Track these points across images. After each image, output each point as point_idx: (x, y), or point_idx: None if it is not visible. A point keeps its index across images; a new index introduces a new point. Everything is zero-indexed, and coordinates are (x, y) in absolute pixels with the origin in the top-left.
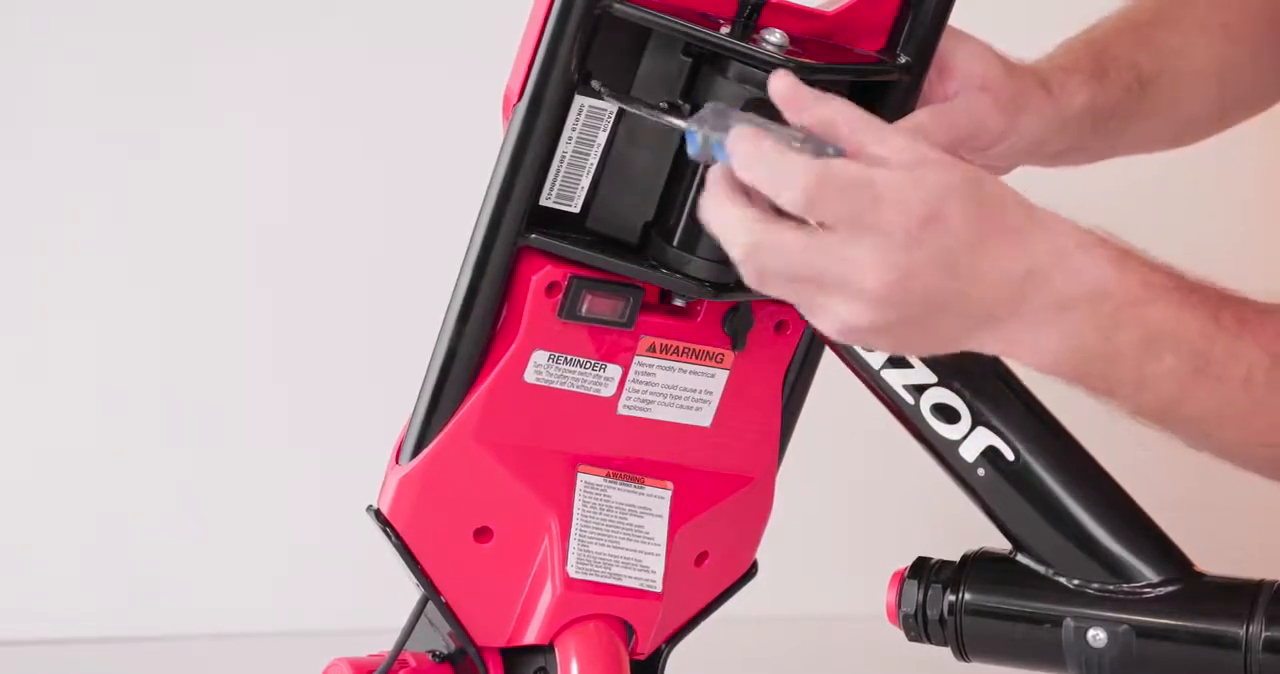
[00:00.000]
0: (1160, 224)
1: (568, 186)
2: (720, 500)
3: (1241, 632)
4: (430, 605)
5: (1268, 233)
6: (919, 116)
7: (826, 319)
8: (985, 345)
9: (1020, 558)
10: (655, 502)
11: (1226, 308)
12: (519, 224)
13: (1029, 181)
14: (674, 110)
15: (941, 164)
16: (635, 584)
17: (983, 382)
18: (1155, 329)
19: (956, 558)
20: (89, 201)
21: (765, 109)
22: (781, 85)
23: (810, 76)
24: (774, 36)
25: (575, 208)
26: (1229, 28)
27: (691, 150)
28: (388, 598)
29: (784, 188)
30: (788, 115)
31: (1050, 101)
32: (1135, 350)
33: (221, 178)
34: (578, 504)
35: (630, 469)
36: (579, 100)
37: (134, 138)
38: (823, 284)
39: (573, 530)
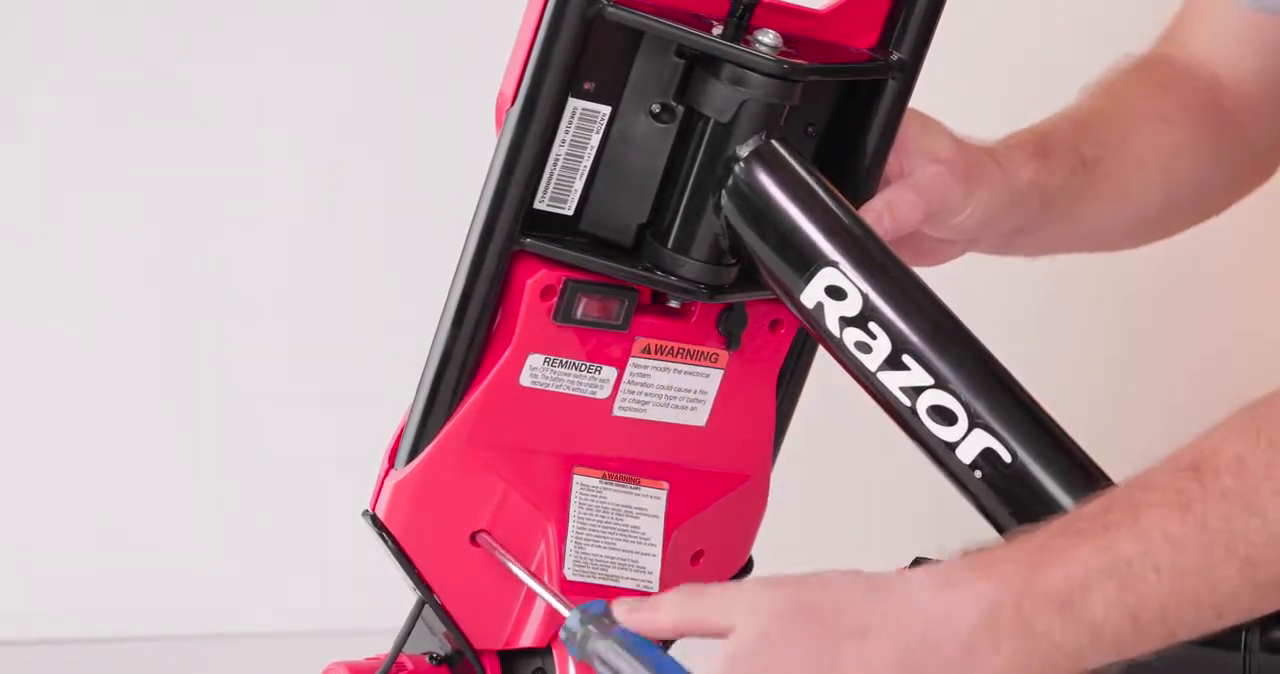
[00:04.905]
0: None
1: (561, 189)
2: (716, 499)
3: (1240, 632)
4: (427, 608)
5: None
6: (889, 194)
7: None
8: None
9: None
10: (651, 502)
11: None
12: (513, 228)
13: None
14: (666, 113)
15: (775, 602)
16: (632, 585)
17: (980, 383)
18: (1062, 594)
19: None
20: (91, 198)
21: (765, 111)
22: (624, 617)
23: (804, 78)
24: (767, 37)
25: (569, 210)
26: (1168, 118)
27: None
28: (387, 599)
29: None
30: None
31: (1000, 173)
32: (1058, 623)
33: (220, 181)
34: (574, 506)
35: (626, 470)
36: (572, 103)
37: (135, 137)
38: None
39: (569, 533)
